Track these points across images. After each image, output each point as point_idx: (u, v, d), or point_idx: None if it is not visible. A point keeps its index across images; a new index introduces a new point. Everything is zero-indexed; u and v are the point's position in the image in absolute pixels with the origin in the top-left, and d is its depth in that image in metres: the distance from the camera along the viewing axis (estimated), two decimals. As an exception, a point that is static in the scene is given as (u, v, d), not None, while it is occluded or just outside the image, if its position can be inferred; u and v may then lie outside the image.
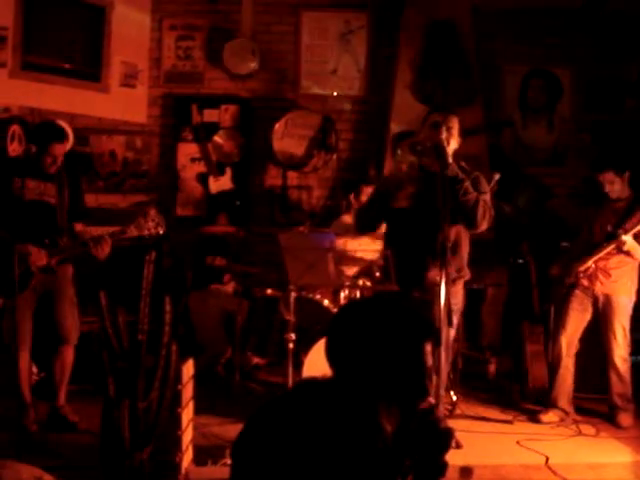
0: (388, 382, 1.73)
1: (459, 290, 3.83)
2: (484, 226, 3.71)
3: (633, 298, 4.47)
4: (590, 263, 4.41)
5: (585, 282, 4.45)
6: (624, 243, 4.27)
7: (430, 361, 1.78)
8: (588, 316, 4.51)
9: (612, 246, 4.33)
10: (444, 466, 1.83)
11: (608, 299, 4.43)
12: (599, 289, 4.45)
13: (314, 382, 1.81)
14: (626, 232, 4.27)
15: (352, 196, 5.43)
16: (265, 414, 1.77)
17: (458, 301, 3.81)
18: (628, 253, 4.34)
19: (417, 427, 1.79)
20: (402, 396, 1.77)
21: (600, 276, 4.42)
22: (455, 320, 3.61)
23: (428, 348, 1.77)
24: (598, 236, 4.44)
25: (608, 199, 4.46)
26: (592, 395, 4.80)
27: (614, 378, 4.45)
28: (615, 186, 4.42)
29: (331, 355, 1.80)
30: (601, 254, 4.37)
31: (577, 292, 4.49)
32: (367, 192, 5.36)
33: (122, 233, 3.87)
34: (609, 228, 4.36)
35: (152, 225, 3.86)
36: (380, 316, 1.77)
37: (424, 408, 1.82)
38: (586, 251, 4.44)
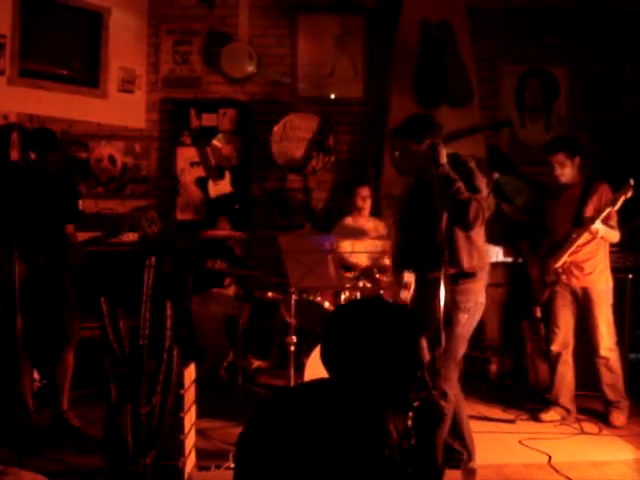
0: (387, 381, 1.74)
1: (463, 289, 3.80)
2: (477, 227, 3.69)
3: (610, 284, 4.44)
4: (565, 257, 4.38)
5: (564, 278, 4.43)
6: (597, 232, 4.22)
7: (427, 356, 1.79)
8: (574, 310, 4.49)
9: (584, 236, 4.29)
10: (442, 468, 1.84)
11: (586, 292, 4.40)
12: (576, 283, 4.43)
13: (317, 382, 1.81)
14: (593, 221, 4.21)
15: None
16: (267, 414, 1.77)
17: (463, 299, 3.78)
18: (602, 238, 4.31)
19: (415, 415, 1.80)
20: (403, 394, 1.77)
21: (574, 270, 4.40)
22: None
23: (423, 344, 1.78)
24: (562, 228, 4.40)
25: (561, 188, 4.44)
26: (593, 393, 4.80)
27: (603, 369, 4.41)
28: (566, 169, 4.39)
29: (326, 360, 1.80)
30: (574, 246, 4.33)
31: (558, 289, 4.47)
32: (360, 193, 5.40)
33: (115, 232, 3.90)
34: (572, 219, 4.33)
35: (146, 224, 3.88)
36: (372, 316, 1.78)
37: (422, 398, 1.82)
38: (557, 246, 4.41)
